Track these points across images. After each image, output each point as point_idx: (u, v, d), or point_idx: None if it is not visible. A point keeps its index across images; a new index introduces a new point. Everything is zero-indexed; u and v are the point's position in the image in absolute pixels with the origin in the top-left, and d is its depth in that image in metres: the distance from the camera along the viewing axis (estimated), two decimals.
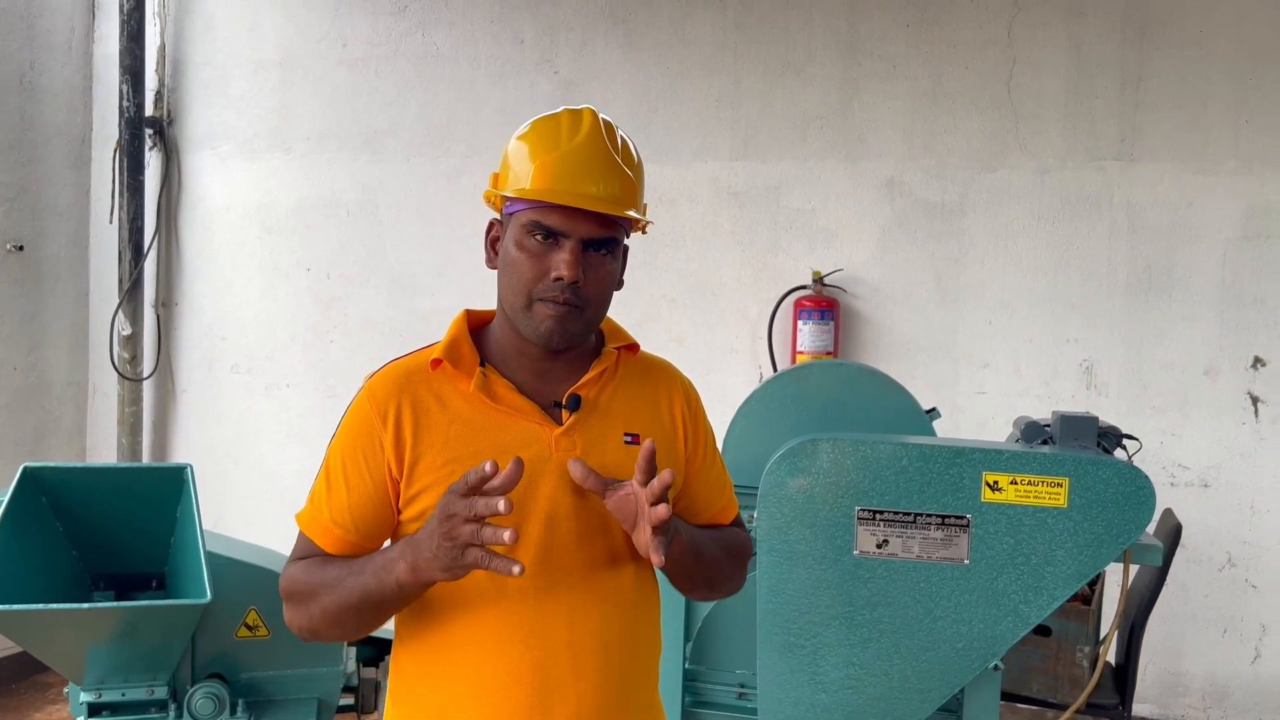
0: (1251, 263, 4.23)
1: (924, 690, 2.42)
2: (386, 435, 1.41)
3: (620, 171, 1.42)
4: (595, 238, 1.40)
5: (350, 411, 1.47)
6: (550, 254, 1.39)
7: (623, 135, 1.47)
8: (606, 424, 1.47)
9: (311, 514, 1.47)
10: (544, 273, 1.39)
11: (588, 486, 1.38)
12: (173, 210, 4.99)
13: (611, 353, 1.52)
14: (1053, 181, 4.35)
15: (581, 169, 1.39)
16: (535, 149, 1.42)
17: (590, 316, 1.43)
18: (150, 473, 2.85)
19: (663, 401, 1.55)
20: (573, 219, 1.38)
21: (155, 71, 4.92)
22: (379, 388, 1.46)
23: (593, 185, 1.39)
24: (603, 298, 1.44)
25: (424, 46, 4.77)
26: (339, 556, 1.45)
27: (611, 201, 1.40)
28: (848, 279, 4.47)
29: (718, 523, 1.62)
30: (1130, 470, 2.35)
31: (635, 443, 1.47)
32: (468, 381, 1.44)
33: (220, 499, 4.73)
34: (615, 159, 1.42)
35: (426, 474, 1.40)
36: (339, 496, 1.44)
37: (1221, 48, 4.22)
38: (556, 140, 1.41)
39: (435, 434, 1.42)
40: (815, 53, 4.50)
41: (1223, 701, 4.30)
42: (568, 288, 1.38)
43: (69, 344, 4.94)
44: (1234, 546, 4.26)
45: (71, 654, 2.50)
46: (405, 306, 4.82)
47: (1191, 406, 4.27)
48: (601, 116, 1.45)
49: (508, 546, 1.28)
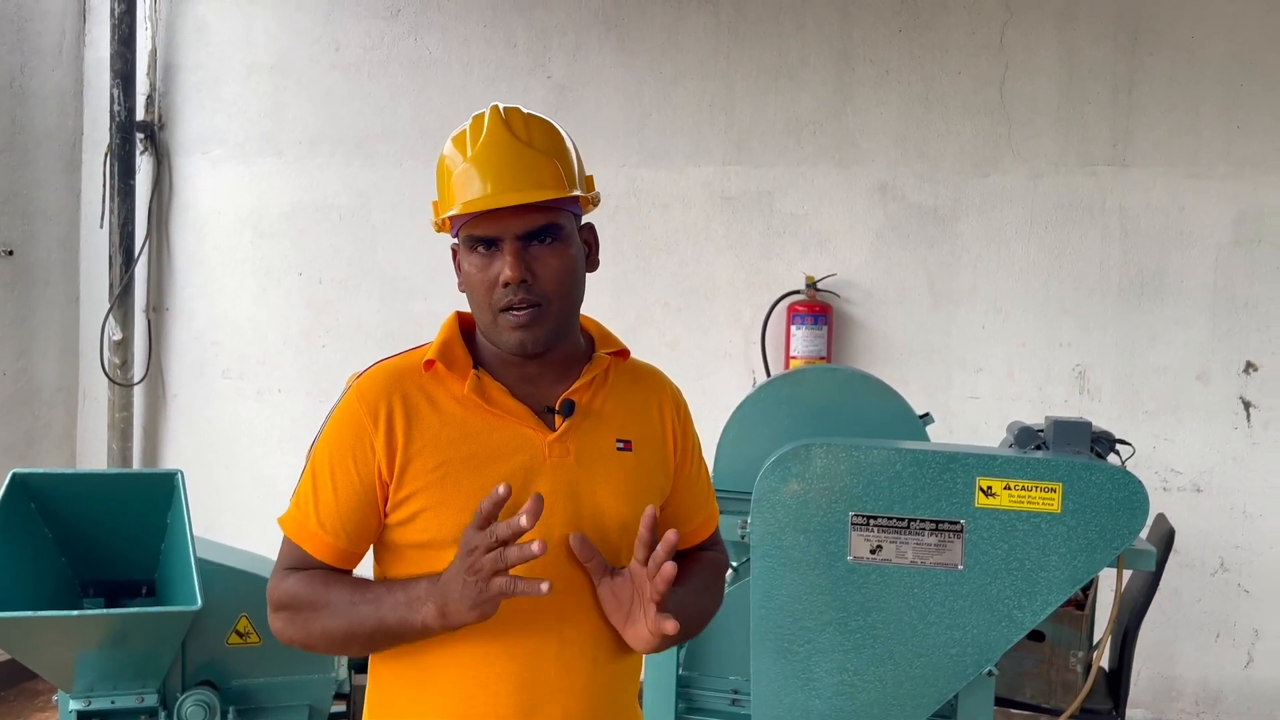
0: (1243, 267, 4.24)
1: (918, 696, 2.42)
2: (378, 436, 1.38)
3: (530, 156, 1.38)
4: (529, 230, 1.37)
5: (337, 412, 1.44)
6: (493, 262, 1.38)
7: (530, 115, 1.43)
8: (599, 429, 1.46)
9: (298, 519, 1.42)
10: (493, 282, 1.37)
11: (589, 565, 1.37)
12: (164, 214, 4.97)
13: (603, 358, 1.49)
14: (1045, 186, 4.36)
15: (488, 170, 1.37)
16: (449, 168, 1.41)
17: (557, 310, 1.40)
18: (140, 479, 2.84)
19: (653, 408, 1.53)
20: (498, 221, 1.36)
21: (146, 75, 4.90)
22: (369, 388, 1.43)
23: (503, 181, 1.36)
24: (563, 288, 1.40)
25: (417, 51, 4.76)
26: (339, 573, 1.42)
27: (528, 189, 1.36)
28: (841, 283, 4.47)
29: (699, 537, 1.61)
30: (1123, 475, 2.35)
31: (627, 449, 1.46)
32: (460, 383, 1.41)
33: (211, 505, 4.70)
34: (521, 146, 1.38)
35: (417, 477, 1.37)
36: (327, 501, 1.40)
37: (1212, 53, 4.23)
38: (463, 151, 1.40)
39: (427, 436, 1.38)
40: (808, 58, 4.50)
41: (1215, 706, 4.31)
42: (518, 289, 1.35)
43: (59, 349, 4.92)
44: (1226, 551, 4.27)
45: (61, 661, 2.49)
46: (398, 311, 4.80)
47: (1184, 411, 4.28)
48: (503, 107, 1.42)
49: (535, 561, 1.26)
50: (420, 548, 1.38)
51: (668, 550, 1.31)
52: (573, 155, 1.45)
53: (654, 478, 1.50)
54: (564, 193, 1.38)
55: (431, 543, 1.37)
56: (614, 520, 1.43)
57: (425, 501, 1.36)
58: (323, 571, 1.41)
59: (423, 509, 1.37)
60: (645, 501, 1.43)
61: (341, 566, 1.43)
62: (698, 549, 1.62)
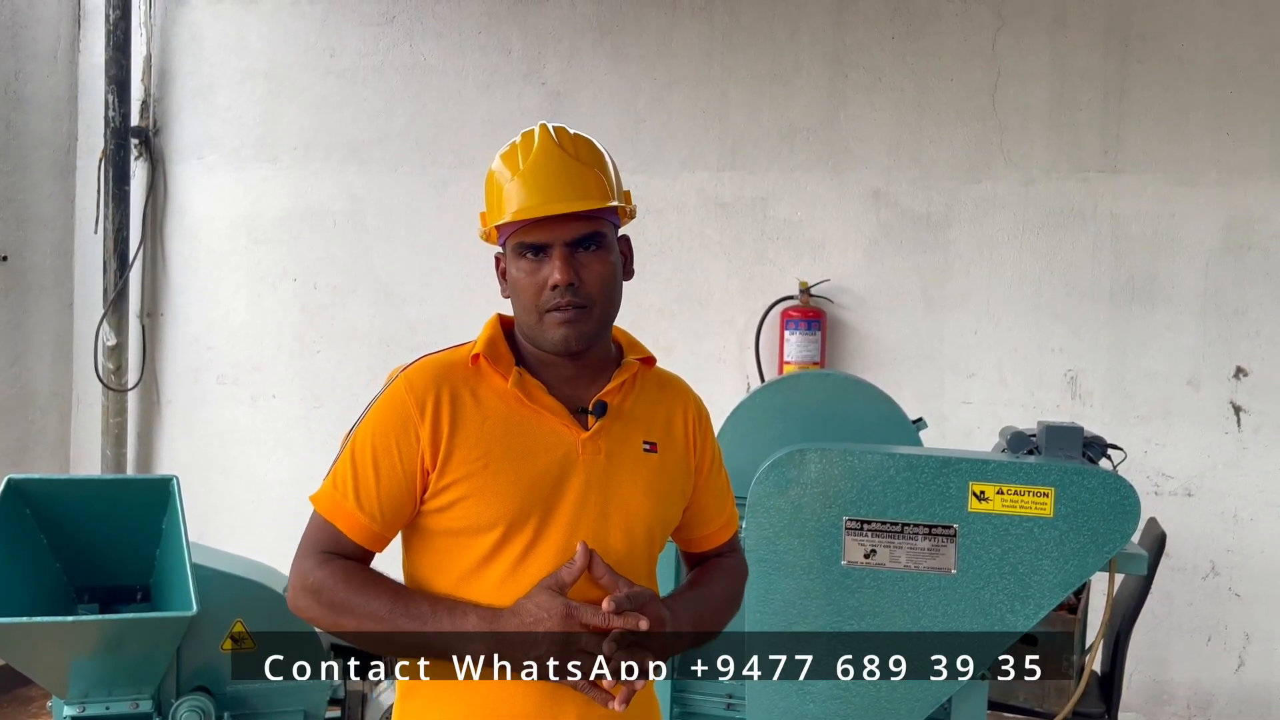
0: (1233, 274, 4.27)
1: (912, 700, 2.43)
2: (424, 426, 1.45)
3: (577, 169, 1.48)
4: (577, 237, 1.46)
5: (384, 400, 1.49)
6: (542, 267, 1.46)
7: (576, 134, 1.54)
8: (629, 430, 1.54)
9: (334, 498, 1.48)
10: (542, 285, 1.46)
11: (601, 582, 1.44)
12: (158, 220, 4.96)
13: (633, 363, 1.59)
14: (1037, 192, 4.39)
15: (540, 180, 1.46)
16: (500, 179, 1.50)
17: (599, 314, 1.50)
18: (136, 484, 2.84)
19: (677, 414, 1.62)
20: (549, 228, 1.45)
21: (141, 81, 4.90)
22: (417, 379, 1.49)
23: (554, 191, 1.46)
24: (605, 292, 1.50)
25: (411, 57, 4.77)
26: (376, 575, 1.47)
27: (576, 199, 1.46)
28: (834, 289, 4.49)
29: (718, 540, 1.70)
30: (1115, 480, 2.37)
31: (653, 450, 1.55)
32: (502, 380, 1.50)
33: (206, 510, 4.70)
34: (570, 159, 1.49)
35: (460, 466, 1.45)
36: (368, 484, 1.46)
37: (1202, 61, 4.27)
38: (515, 164, 1.49)
39: (470, 428, 1.46)
40: (802, 64, 4.52)
41: (1207, 709, 4.32)
42: (565, 291, 1.45)
43: (53, 354, 4.91)
44: (1218, 555, 4.29)
45: (55, 667, 2.48)
46: (392, 316, 4.81)
47: (1175, 416, 4.30)
48: (552, 126, 1.53)
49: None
50: (454, 534, 1.46)
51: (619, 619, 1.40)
52: (612, 169, 1.55)
53: (676, 480, 1.59)
54: (607, 202, 1.49)
55: (466, 530, 1.45)
56: (640, 517, 1.51)
57: (466, 490, 1.44)
58: (361, 568, 1.47)
59: (462, 497, 1.45)
60: (669, 501, 1.56)
61: (370, 548, 1.49)
62: (716, 554, 1.70)
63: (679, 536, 1.68)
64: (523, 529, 1.44)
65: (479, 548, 1.44)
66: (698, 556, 1.72)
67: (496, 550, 1.45)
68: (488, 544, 1.44)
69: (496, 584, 1.44)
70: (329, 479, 1.50)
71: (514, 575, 1.44)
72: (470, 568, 1.46)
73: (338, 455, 1.51)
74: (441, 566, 1.48)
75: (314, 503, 1.50)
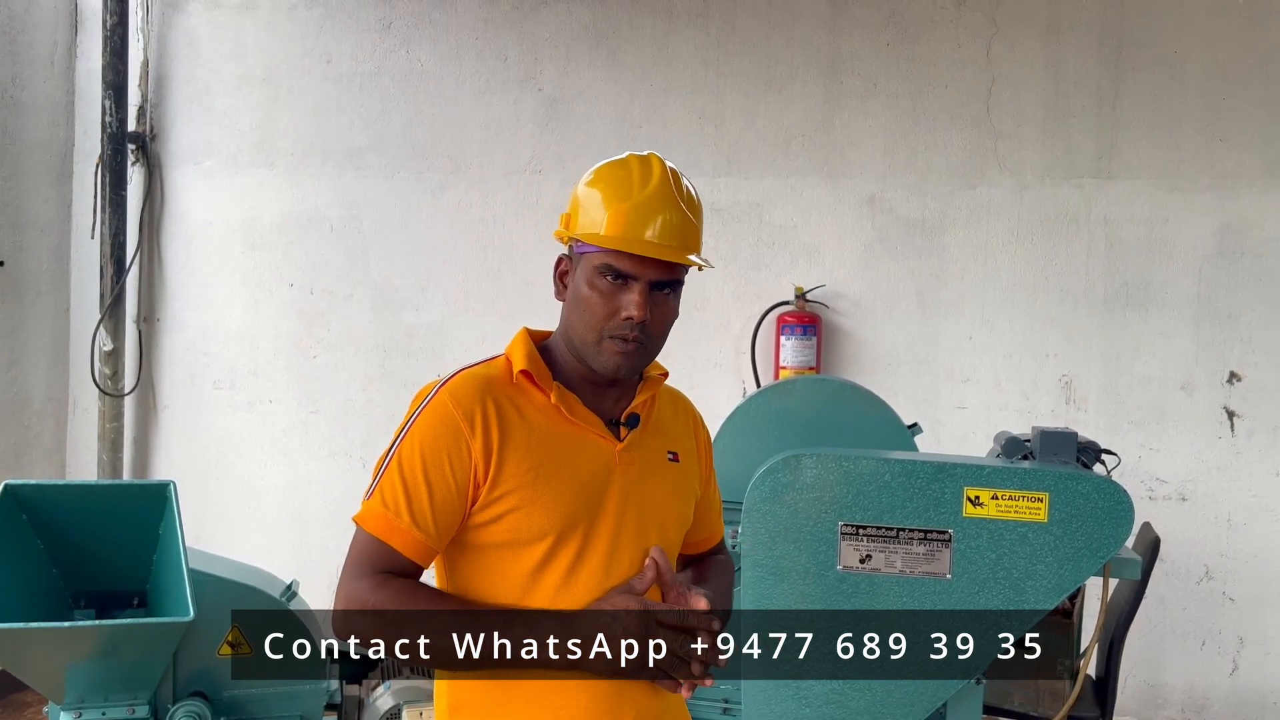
0: (1226, 279, 4.29)
1: (907, 704, 2.44)
2: (475, 439, 1.47)
3: (687, 219, 1.53)
4: (662, 280, 1.51)
5: (429, 412, 1.49)
6: (620, 294, 1.50)
7: (687, 183, 1.58)
8: (655, 441, 1.62)
9: (387, 518, 1.46)
10: (614, 311, 1.49)
11: (666, 579, 1.52)
12: (155, 225, 4.97)
13: (657, 379, 1.65)
14: (1031, 198, 4.41)
15: (652, 217, 1.50)
16: (608, 196, 1.52)
17: (652, 351, 1.56)
18: (132, 489, 2.84)
19: (690, 428, 1.72)
20: (642, 264, 1.48)
21: (138, 87, 4.91)
22: (462, 391, 1.50)
23: (662, 233, 1.50)
24: (665, 333, 1.56)
25: (408, 63, 4.78)
26: (438, 591, 1.50)
27: (679, 248, 1.51)
28: (830, 295, 4.50)
29: (710, 544, 1.80)
30: (1109, 485, 2.38)
31: (675, 460, 1.64)
32: (543, 395, 1.53)
33: (203, 516, 4.69)
34: (682, 207, 1.52)
35: (511, 478, 1.47)
36: (420, 499, 1.46)
37: (1195, 68, 4.29)
38: (629, 189, 1.51)
39: (519, 440, 1.49)
40: (797, 70, 4.54)
41: (1201, 713, 4.34)
42: (636, 326, 1.49)
43: (49, 359, 4.91)
44: (1211, 559, 4.31)
45: (51, 673, 2.48)
46: (389, 322, 4.81)
47: (1169, 421, 4.32)
48: (669, 165, 1.56)
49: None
50: (501, 547, 1.49)
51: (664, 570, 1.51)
52: (703, 222, 1.60)
53: (693, 486, 1.68)
54: (701, 258, 1.55)
55: (515, 541, 1.48)
56: (671, 522, 1.61)
57: (517, 501, 1.47)
58: (421, 587, 1.48)
59: (513, 508, 1.47)
60: (689, 505, 1.66)
61: (422, 563, 1.49)
62: (710, 553, 1.80)
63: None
64: (572, 537, 1.48)
65: (529, 559, 1.48)
66: (693, 558, 1.79)
67: (547, 560, 1.48)
68: (538, 554, 1.47)
69: (551, 593, 1.48)
70: (376, 498, 1.48)
71: (567, 584, 1.48)
72: (522, 579, 1.48)
73: (379, 473, 1.49)
74: (491, 580, 1.50)
75: (361, 523, 1.48)
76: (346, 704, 2.94)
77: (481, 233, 4.73)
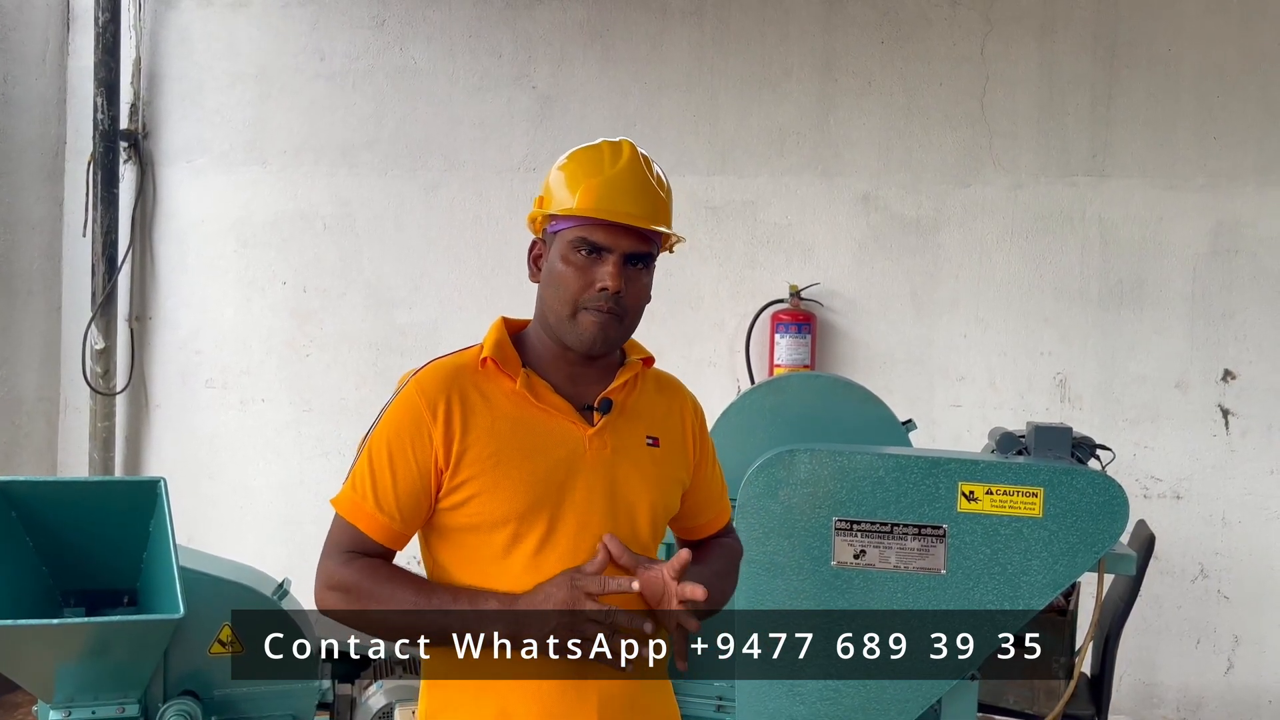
0: (1220, 277, 4.29)
1: (901, 701, 2.43)
2: (436, 429, 1.52)
3: (656, 194, 1.59)
4: (634, 252, 1.55)
5: (397, 403, 1.57)
6: (594, 267, 1.54)
7: (658, 168, 1.63)
8: (632, 426, 1.63)
9: (354, 501, 1.56)
10: (589, 284, 1.53)
11: (622, 562, 1.52)
12: (147, 223, 4.95)
13: (636, 363, 1.67)
14: (1026, 197, 4.41)
15: (623, 191, 1.55)
16: (578, 174, 1.57)
17: (628, 325, 1.59)
18: (122, 486, 2.82)
19: (676, 412, 1.72)
20: (615, 235, 1.53)
21: (130, 84, 4.89)
22: (428, 382, 1.56)
23: (633, 205, 1.54)
24: (639, 308, 1.59)
25: (402, 61, 4.77)
26: (398, 568, 1.55)
27: (651, 218, 1.56)
28: (824, 293, 4.50)
29: (715, 526, 1.80)
30: (1104, 480, 2.37)
31: (655, 444, 1.64)
32: (511, 381, 1.57)
33: (194, 515, 4.67)
34: (651, 183, 1.58)
35: (473, 465, 1.52)
36: (385, 485, 1.54)
37: (1189, 67, 4.30)
38: (599, 166, 1.57)
39: (482, 427, 1.54)
40: (791, 68, 4.54)
41: (1197, 711, 4.34)
42: (611, 297, 1.53)
43: (41, 358, 4.88)
44: (1206, 558, 4.31)
45: (41, 671, 2.46)
46: (382, 320, 4.80)
47: (1163, 419, 4.32)
48: (640, 150, 1.62)
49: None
50: (470, 530, 1.54)
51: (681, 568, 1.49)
52: (672, 204, 1.66)
53: (676, 471, 1.68)
54: (671, 228, 1.61)
55: (481, 525, 1.53)
56: (644, 506, 1.60)
57: (479, 487, 1.52)
58: (384, 564, 1.56)
59: (476, 494, 1.52)
60: (669, 489, 1.65)
61: (391, 546, 1.57)
62: (715, 537, 1.81)
63: (679, 526, 1.78)
64: (536, 522, 1.52)
65: (496, 542, 1.53)
66: (696, 543, 1.80)
67: (513, 543, 1.52)
68: (504, 538, 1.52)
69: (518, 575, 1.51)
70: (348, 483, 1.57)
71: (533, 566, 1.51)
72: (491, 560, 1.53)
73: (355, 460, 1.58)
74: (464, 560, 1.56)
75: (335, 506, 1.58)
76: (339, 703, 2.93)
77: (475, 231, 4.72)
